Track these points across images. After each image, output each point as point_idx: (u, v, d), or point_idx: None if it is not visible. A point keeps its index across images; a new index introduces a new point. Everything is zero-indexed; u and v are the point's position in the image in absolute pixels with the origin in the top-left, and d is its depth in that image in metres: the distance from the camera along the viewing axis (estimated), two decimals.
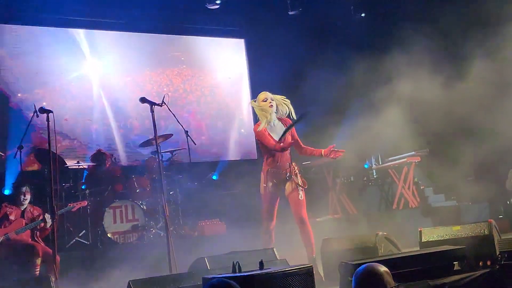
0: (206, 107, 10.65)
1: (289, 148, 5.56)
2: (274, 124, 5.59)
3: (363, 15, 10.69)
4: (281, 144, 5.45)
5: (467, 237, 4.87)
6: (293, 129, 5.65)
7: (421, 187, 8.95)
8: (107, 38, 9.90)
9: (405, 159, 8.76)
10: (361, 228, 7.00)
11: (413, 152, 8.76)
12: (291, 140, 5.52)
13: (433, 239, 5.06)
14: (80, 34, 9.61)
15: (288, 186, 5.54)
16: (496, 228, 4.86)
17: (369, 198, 8.83)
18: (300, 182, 5.55)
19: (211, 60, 10.78)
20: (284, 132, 5.49)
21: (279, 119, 5.66)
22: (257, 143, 6.28)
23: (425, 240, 5.13)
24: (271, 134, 5.53)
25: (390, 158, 9.17)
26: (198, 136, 9.82)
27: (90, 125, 9.49)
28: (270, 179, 5.52)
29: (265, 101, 5.61)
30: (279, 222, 6.02)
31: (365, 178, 9.30)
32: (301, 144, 5.72)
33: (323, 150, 5.63)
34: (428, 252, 4.62)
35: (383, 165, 9.21)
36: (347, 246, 5.24)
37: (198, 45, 10.73)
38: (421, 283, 4.09)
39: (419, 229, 5.28)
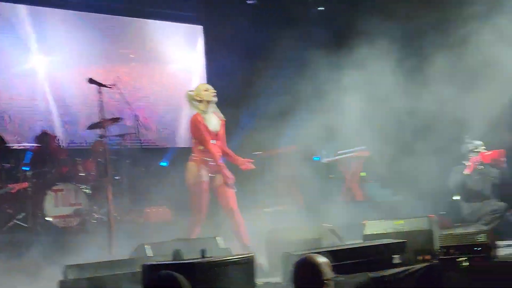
0: (156, 103, 10.41)
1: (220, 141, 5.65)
2: (210, 116, 5.62)
3: (321, 8, 10.68)
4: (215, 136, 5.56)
5: (408, 231, 4.95)
6: (223, 124, 5.73)
7: (369, 181, 9.06)
8: (55, 29, 9.44)
9: (355, 153, 8.84)
10: (308, 220, 7.03)
11: (363, 147, 8.86)
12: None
13: (376, 232, 5.13)
14: (25, 25, 9.12)
15: (219, 178, 5.58)
16: (436, 223, 4.96)
17: (317, 190, 8.87)
18: (229, 175, 5.59)
19: (164, 51, 10.48)
20: None
21: (214, 112, 5.70)
22: None
23: (368, 233, 5.20)
24: (207, 125, 5.56)
25: (340, 152, 9.24)
26: (148, 132, 9.54)
27: (35, 122, 9.09)
28: (203, 169, 5.52)
29: (207, 90, 5.64)
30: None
31: (315, 171, 9.34)
32: (225, 142, 5.79)
33: (239, 158, 5.75)
34: (369, 244, 4.68)
35: (333, 158, 9.28)
36: (292, 237, 5.25)
37: (151, 35, 10.38)
38: (361, 275, 4.12)
39: (363, 222, 5.35)
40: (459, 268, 4.28)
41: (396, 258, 4.47)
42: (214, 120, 5.63)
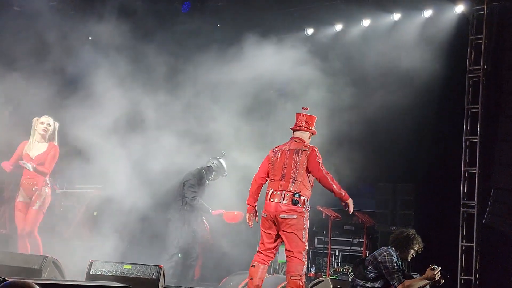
0: None
1: None
2: None
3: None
4: None
5: (134, 277, 4.92)
6: None
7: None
8: None
9: (92, 190, 8.55)
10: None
11: (100, 185, 8.61)
12: None
13: (102, 273, 4.99)
14: None
15: None
16: (164, 273, 5.04)
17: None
18: None
19: None
20: None
21: None
22: None
23: (93, 273, 5.02)
24: None
25: (78, 186, 8.84)
26: None
27: None
28: None
29: None
30: None
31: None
32: None
33: None
34: (88, 284, 4.50)
35: (69, 190, 8.83)
36: (9, 263, 4.81)
37: None
38: None
39: (90, 260, 5.17)
40: None
41: None
42: None
